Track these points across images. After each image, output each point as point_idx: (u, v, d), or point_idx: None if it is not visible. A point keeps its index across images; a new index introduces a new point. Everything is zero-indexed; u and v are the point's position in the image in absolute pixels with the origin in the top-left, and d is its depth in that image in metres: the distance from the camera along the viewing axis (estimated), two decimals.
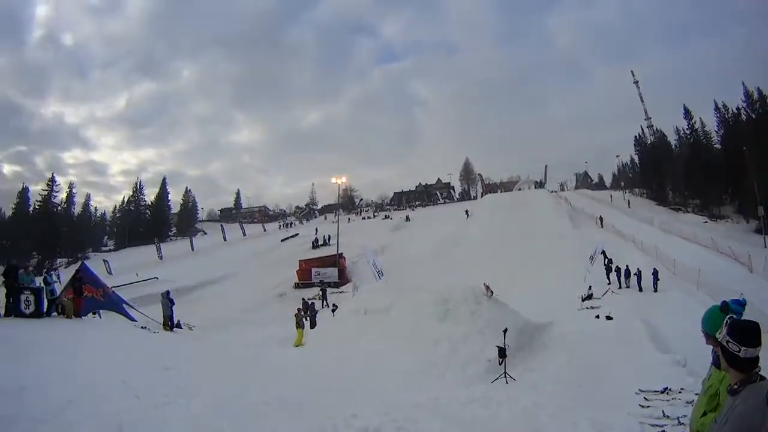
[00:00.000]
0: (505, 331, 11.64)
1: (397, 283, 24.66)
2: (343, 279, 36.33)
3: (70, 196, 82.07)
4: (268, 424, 6.80)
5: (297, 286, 36.07)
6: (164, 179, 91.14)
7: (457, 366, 12.07)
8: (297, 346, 17.33)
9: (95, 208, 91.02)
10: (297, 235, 58.48)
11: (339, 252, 39.32)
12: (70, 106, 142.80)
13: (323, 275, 36.07)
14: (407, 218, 59.20)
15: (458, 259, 34.68)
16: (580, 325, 16.29)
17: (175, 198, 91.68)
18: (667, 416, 7.94)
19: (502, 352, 11.56)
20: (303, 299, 23.21)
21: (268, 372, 12.19)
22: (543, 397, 9.35)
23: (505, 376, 10.90)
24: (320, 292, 31.15)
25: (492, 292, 15.22)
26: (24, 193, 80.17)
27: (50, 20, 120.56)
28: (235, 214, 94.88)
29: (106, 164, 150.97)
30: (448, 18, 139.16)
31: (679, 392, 9.13)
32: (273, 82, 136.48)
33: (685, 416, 7.52)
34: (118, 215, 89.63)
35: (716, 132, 54.91)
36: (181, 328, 20.46)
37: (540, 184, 71.19)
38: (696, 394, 7.82)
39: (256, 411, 7.37)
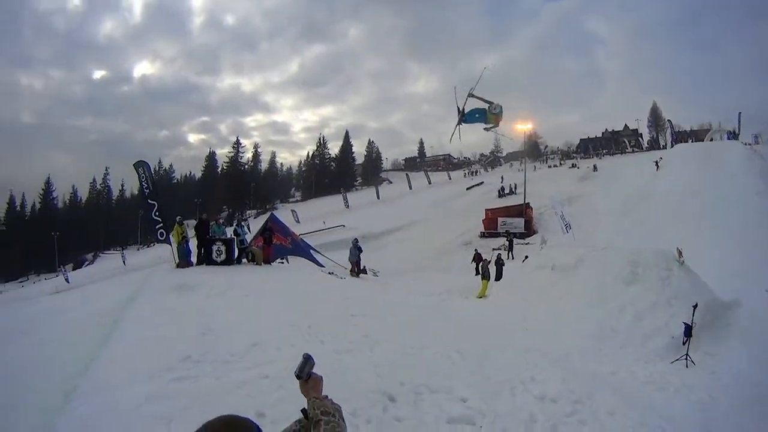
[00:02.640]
0: (695, 306, 10.53)
1: (584, 238, 23.99)
2: (529, 230, 35.20)
3: (256, 154, 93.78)
4: (447, 378, 6.77)
5: (483, 235, 35.91)
6: (347, 132, 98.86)
7: (638, 338, 11.40)
8: (480, 297, 17.08)
9: (281, 164, 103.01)
10: (482, 183, 58.27)
11: (526, 202, 37.37)
12: (245, 77, 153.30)
13: (509, 225, 35.19)
14: (595, 168, 55.47)
15: (647, 216, 31.69)
16: None
17: (359, 150, 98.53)
18: None
19: (688, 330, 10.43)
20: (476, 251, 22.95)
21: (451, 323, 12.49)
22: (719, 390, 8.68)
23: (687, 359, 9.97)
24: (506, 243, 30.33)
25: (683, 259, 13.85)
26: (211, 157, 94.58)
27: (207, 6, 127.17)
28: (419, 163, 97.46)
29: (287, 123, 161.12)
30: None
31: None
32: (442, 32, 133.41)
33: None
34: (303, 169, 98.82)
35: None
36: (366, 273, 21.49)
37: (734, 135, 60.79)
38: None
39: (437, 364, 7.51)
